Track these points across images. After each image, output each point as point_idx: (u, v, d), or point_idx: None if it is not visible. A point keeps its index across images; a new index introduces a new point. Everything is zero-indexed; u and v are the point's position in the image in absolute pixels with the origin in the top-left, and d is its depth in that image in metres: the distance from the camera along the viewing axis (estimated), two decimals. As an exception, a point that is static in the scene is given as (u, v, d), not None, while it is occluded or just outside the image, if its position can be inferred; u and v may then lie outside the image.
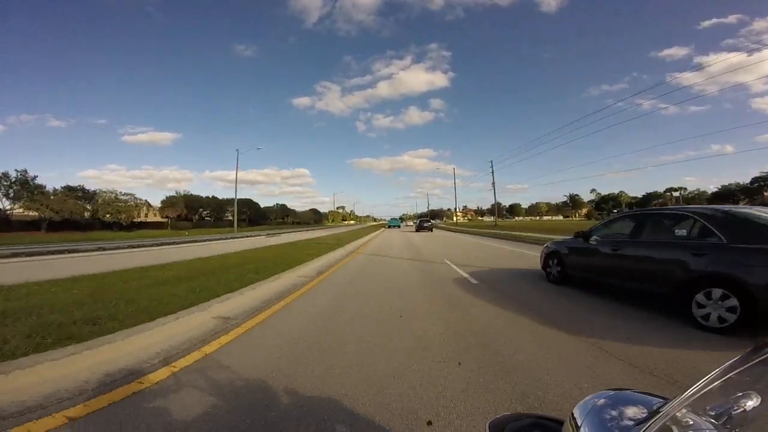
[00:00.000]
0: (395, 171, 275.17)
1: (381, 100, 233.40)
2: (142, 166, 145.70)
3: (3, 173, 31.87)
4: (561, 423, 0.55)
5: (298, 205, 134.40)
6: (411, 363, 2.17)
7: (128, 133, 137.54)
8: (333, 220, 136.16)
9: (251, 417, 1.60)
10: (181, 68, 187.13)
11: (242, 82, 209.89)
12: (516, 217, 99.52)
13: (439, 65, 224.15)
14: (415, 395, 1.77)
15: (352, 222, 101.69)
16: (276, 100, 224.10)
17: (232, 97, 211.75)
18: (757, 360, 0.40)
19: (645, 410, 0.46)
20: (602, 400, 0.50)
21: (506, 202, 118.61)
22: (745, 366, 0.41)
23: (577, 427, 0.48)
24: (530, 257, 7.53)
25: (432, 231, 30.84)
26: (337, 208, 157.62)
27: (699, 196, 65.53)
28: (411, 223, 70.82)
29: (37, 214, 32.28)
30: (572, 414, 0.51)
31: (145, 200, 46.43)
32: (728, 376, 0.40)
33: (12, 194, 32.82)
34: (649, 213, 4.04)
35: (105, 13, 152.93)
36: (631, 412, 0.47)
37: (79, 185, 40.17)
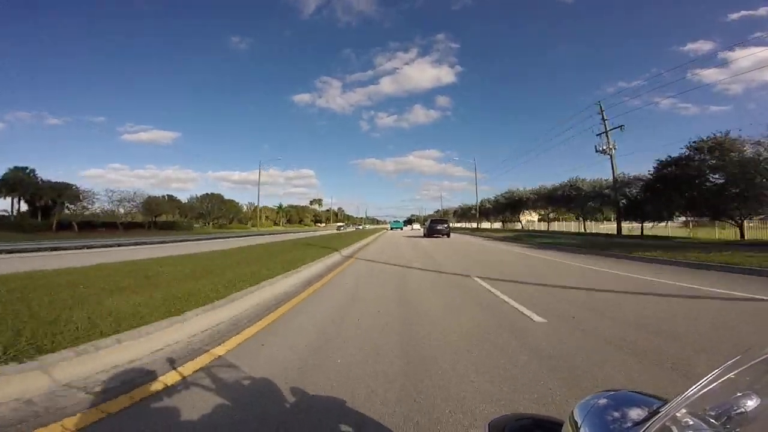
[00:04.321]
0: (400, 173, 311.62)
1: (384, 97, 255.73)
2: (146, 166, 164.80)
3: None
4: (561, 424, 0.60)
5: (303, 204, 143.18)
6: None
7: (128, 132, 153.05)
8: (290, 222, 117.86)
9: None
10: (176, 64, 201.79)
11: (239, 78, 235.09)
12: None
13: (445, 58, 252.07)
14: None
15: (341, 224, 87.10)
16: (275, 97, 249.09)
17: (231, 95, 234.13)
18: (757, 360, 0.42)
19: (645, 411, 0.49)
20: (602, 401, 0.54)
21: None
22: (745, 366, 0.42)
23: (577, 428, 0.51)
24: None
25: (450, 236, 24.63)
26: (311, 201, 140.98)
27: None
28: (418, 226, 62.39)
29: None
30: (572, 414, 0.55)
31: None
32: (728, 376, 0.42)
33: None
34: None
35: (95, 6, 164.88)
36: (631, 412, 0.50)
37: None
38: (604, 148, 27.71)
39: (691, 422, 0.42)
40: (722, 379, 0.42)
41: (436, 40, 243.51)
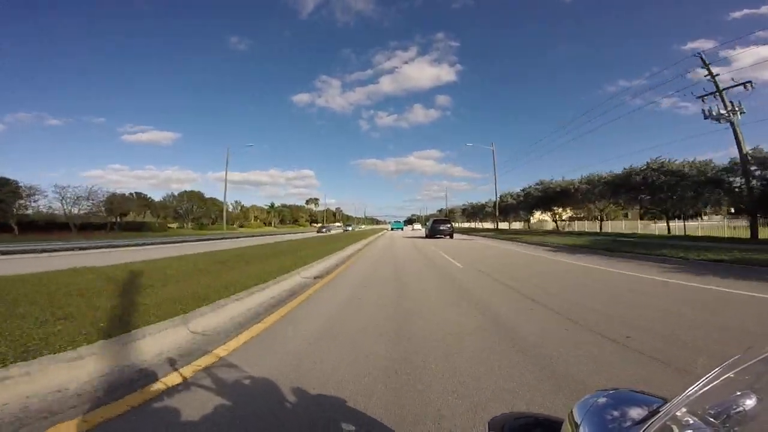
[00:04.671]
0: (401, 173, 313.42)
1: (384, 97, 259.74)
2: (146, 166, 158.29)
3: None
4: (560, 423, 0.59)
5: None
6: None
7: (128, 132, 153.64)
8: (283, 222, 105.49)
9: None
10: (176, 65, 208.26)
11: (239, 78, 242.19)
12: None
13: (445, 57, 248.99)
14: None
15: (336, 225, 78.00)
16: (275, 97, 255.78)
17: (230, 95, 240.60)
18: (756, 359, 0.43)
19: (644, 410, 0.49)
20: (601, 400, 0.53)
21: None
22: (744, 365, 0.43)
23: (577, 427, 0.51)
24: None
25: (453, 237, 23.55)
26: (308, 201, 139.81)
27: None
28: (419, 226, 58.16)
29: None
30: (571, 413, 0.54)
31: None
32: (727, 375, 0.42)
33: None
34: None
35: (94, 7, 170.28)
36: (631, 411, 0.49)
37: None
38: (722, 112, 18.00)
39: (691, 421, 0.41)
40: (722, 379, 0.42)
41: (436, 39, 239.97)
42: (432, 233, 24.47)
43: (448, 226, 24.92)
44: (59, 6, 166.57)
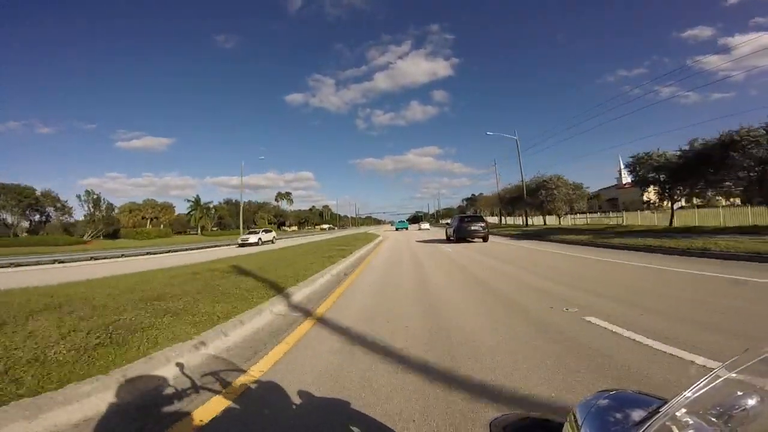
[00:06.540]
0: (399, 171, 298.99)
1: (379, 94, 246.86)
2: (143, 174, 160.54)
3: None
4: (562, 424, 0.61)
5: (304, 207, 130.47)
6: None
7: (121, 139, 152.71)
8: (224, 227, 70.91)
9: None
10: (165, 68, 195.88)
11: (229, 80, 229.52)
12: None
13: (441, 51, 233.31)
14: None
15: (326, 227, 48.27)
16: (268, 97, 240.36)
17: (221, 97, 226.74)
18: (757, 359, 0.42)
19: (645, 410, 0.49)
20: (603, 401, 0.55)
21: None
22: (745, 365, 0.43)
23: (578, 428, 0.52)
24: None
25: (487, 241, 19.71)
26: (277, 197, 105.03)
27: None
28: (427, 226, 52.97)
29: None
30: (573, 414, 0.56)
31: None
32: (728, 375, 0.42)
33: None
34: None
35: (78, 9, 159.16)
36: (632, 412, 0.51)
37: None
38: None
39: (692, 422, 0.42)
40: (722, 378, 0.42)
41: (431, 31, 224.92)
42: (459, 235, 19.28)
43: (482, 225, 19.71)
44: (43, 9, 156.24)
